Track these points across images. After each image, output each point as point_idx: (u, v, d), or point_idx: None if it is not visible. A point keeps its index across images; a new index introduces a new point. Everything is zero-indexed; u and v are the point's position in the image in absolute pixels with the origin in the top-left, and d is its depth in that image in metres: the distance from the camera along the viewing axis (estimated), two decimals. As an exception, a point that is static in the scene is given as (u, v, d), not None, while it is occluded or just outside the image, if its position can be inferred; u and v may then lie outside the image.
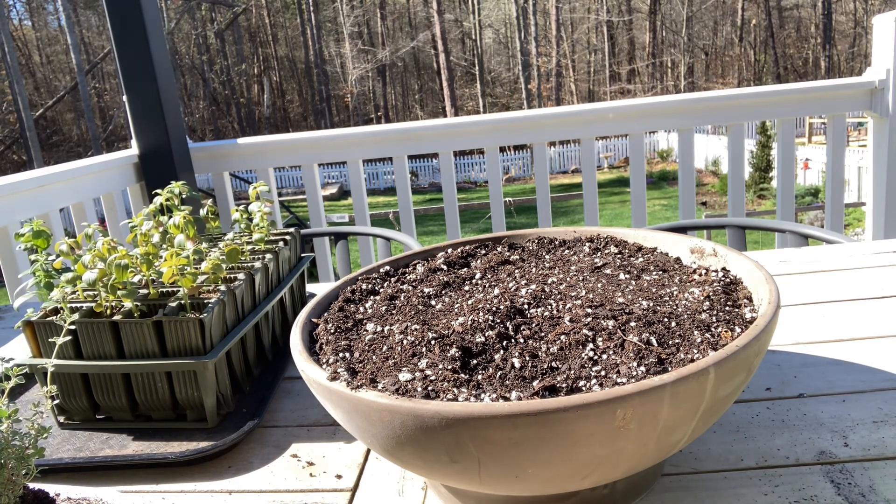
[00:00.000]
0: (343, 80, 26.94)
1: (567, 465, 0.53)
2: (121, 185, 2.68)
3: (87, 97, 22.31)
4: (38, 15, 27.19)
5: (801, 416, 0.75)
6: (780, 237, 1.79)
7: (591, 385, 0.55)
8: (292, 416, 0.88)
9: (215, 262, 0.89)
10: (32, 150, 20.27)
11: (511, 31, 27.66)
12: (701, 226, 1.85)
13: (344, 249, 2.10)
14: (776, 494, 0.63)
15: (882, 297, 1.06)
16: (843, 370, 0.85)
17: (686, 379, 0.51)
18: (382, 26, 27.92)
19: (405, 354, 0.63)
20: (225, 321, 0.87)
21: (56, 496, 0.62)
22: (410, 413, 0.52)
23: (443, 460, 0.54)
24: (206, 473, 0.77)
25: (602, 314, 0.66)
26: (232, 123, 26.86)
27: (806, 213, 10.24)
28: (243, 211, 1.14)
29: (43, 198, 2.27)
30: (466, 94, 27.67)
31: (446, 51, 25.02)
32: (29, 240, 0.97)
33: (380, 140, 2.78)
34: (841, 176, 2.63)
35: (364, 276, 0.86)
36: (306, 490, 0.73)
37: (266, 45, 27.67)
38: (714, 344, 0.59)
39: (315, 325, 0.73)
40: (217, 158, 2.83)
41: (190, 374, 0.82)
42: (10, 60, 20.10)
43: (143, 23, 2.52)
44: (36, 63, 26.22)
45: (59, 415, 0.88)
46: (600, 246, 0.90)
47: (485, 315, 0.66)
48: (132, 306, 0.83)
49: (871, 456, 0.67)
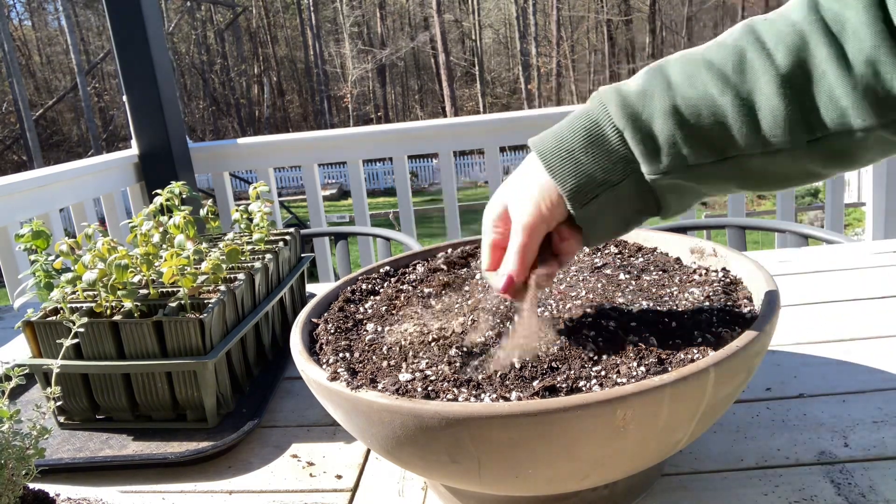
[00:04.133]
0: (343, 80, 26.94)
1: (567, 465, 0.53)
2: (121, 185, 2.68)
3: (87, 97, 22.31)
4: (38, 15, 27.19)
5: (801, 416, 0.75)
6: (780, 237, 1.79)
7: (591, 385, 0.55)
8: (292, 416, 0.88)
9: (215, 262, 0.89)
10: (32, 150, 20.27)
11: (511, 32, 27.66)
12: (701, 226, 1.85)
13: (344, 249, 2.10)
14: (776, 494, 0.63)
15: (882, 297, 1.06)
16: (843, 370, 0.85)
17: (686, 379, 0.51)
18: (382, 26, 27.93)
19: (405, 354, 0.63)
20: (225, 321, 0.87)
21: (56, 496, 0.62)
22: (410, 413, 0.52)
23: (443, 460, 0.54)
24: (206, 473, 0.77)
25: (602, 314, 0.66)
26: (232, 123, 26.86)
27: (806, 213, 10.24)
28: (243, 211, 1.14)
29: (43, 198, 2.27)
30: (466, 95, 27.67)
31: (446, 51, 25.02)
32: (29, 240, 0.97)
33: (380, 140, 2.79)
34: (841, 176, 2.63)
35: (364, 276, 0.86)
36: (306, 490, 0.73)
37: (266, 46, 27.67)
38: (714, 344, 0.59)
39: (315, 325, 0.73)
40: (217, 158, 2.83)
41: (190, 375, 0.82)
42: (10, 60, 20.10)
43: (143, 23, 2.52)
44: (36, 63, 26.22)
45: (59, 415, 0.88)
46: (600, 246, 0.90)
47: (485, 315, 0.66)
48: (132, 306, 0.83)
49: (871, 456, 0.67)
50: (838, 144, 0.51)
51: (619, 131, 0.55)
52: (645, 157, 0.55)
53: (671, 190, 0.56)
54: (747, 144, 0.53)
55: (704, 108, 0.53)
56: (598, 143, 0.56)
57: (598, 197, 0.56)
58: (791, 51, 0.51)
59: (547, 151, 0.58)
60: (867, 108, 0.49)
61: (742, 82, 0.52)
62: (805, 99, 0.51)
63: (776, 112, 0.51)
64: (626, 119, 0.55)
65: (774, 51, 0.51)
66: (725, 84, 0.52)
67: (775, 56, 0.51)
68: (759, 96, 0.52)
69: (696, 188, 0.56)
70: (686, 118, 0.53)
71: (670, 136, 0.54)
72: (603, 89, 0.58)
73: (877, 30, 0.48)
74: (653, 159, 0.55)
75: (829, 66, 0.49)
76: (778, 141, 0.52)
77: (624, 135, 0.55)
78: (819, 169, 0.54)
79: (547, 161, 0.57)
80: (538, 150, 0.58)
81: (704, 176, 0.55)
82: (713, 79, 0.53)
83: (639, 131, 0.54)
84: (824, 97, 0.50)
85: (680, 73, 0.55)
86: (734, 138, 0.53)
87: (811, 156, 0.52)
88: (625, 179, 0.56)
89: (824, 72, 0.50)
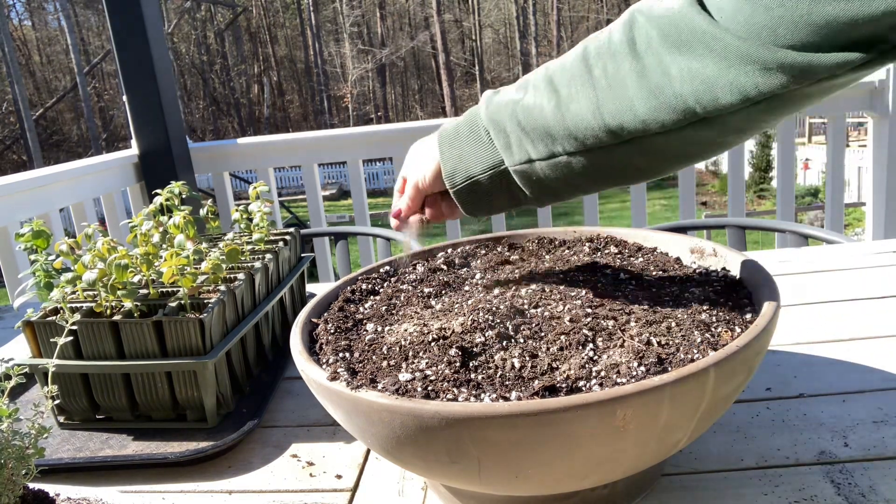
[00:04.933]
0: (343, 80, 26.94)
1: (567, 465, 0.53)
2: (121, 185, 2.68)
3: (87, 97, 22.30)
4: (38, 15, 27.19)
5: (801, 416, 0.75)
6: (780, 237, 1.79)
7: (591, 385, 0.55)
8: (292, 416, 0.88)
9: (215, 262, 0.89)
10: (32, 150, 20.27)
11: (511, 31, 27.65)
12: (701, 226, 1.85)
13: (344, 249, 2.10)
14: (776, 494, 0.63)
15: (882, 297, 1.06)
16: (843, 370, 0.85)
17: (686, 379, 0.51)
18: (382, 26, 27.92)
19: (405, 354, 0.63)
20: (225, 321, 0.87)
21: (56, 496, 0.62)
22: (410, 413, 0.52)
23: (443, 460, 0.54)
24: (206, 473, 0.77)
25: (602, 314, 0.66)
26: (232, 123, 26.85)
27: (806, 213, 10.25)
28: (243, 211, 1.14)
29: (43, 198, 2.27)
30: (466, 95, 27.66)
31: (446, 51, 25.01)
32: (29, 240, 0.97)
33: (380, 140, 2.79)
34: (841, 176, 2.63)
35: (364, 276, 0.86)
36: (306, 490, 0.73)
37: (266, 45, 27.66)
38: (714, 344, 0.59)
39: (315, 325, 0.73)
40: (217, 158, 2.83)
41: (190, 374, 0.82)
42: (10, 60, 20.09)
43: (143, 23, 2.52)
44: (36, 63, 26.22)
45: (59, 415, 0.88)
46: (600, 246, 0.90)
47: (485, 315, 0.66)
48: (132, 306, 0.83)
49: (871, 456, 0.67)
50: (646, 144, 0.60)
51: (486, 130, 0.69)
52: (504, 150, 0.68)
53: (528, 179, 0.68)
54: (569, 144, 0.63)
55: (535, 114, 0.65)
56: (476, 138, 0.70)
57: (466, 182, 0.70)
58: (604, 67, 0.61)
59: (444, 137, 0.72)
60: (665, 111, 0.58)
61: (567, 93, 0.63)
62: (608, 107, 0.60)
63: (585, 120, 0.61)
64: (490, 121, 0.68)
65: (594, 66, 0.61)
66: (554, 95, 0.64)
67: (593, 71, 0.61)
68: (573, 105, 0.62)
69: (549, 180, 0.67)
70: (522, 121, 0.66)
71: (517, 135, 0.66)
72: (486, 94, 0.72)
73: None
74: (509, 153, 0.67)
75: (630, 80, 0.58)
76: (592, 141, 0.62)
77: (490, 133, 0.69)
78: (640, 163, 0.63)
79: (440, 144, 0.72)
80: (439, 134, 0.73)
81: (549, 167, 0.65)
82: (548, 90, 0.64)
83: (497, 130, 0.68)
84: (625, 106, 0.59)
85: (531, 85, 0.67)
86: (556, 139, 0.64)
87: (624, 154, 0.62)
88: (493, 172, 0.69)
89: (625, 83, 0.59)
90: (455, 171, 0.71)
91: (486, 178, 0.69)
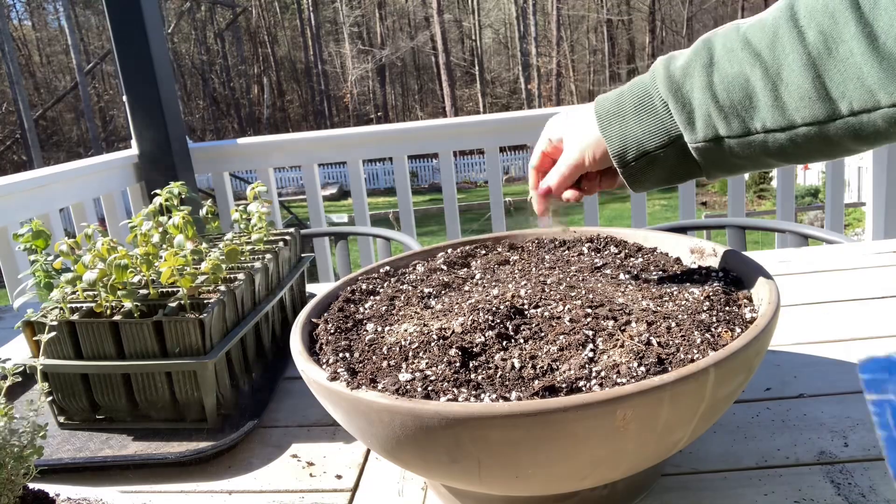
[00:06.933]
0: (343, 80, 26.94)
1: (567, 465, 0.53)
2: (121, 185, 2.68)
3: (87, 97, 22.30)
4: (37, 15, 27.18)
5: (801, 416, 0.75)
6: (780, 237, 1.79)
7: (591, 385, 0.55)
8: (292, 416, 0.88)
9: (215, 262, 0.89)
10: (32, 150, 20.27)
11: (511, 32, 27.65)
12: (701, 226, 1.85)
13: (344, 249, 2.10)
14: (776, 494, 0.63)
15: (882, 297, 1.06)
16: (843, 370, 0.85)
17: (686, 379, 0.51)
18: (382, 26, 27.92)
19: (405, 355, 0.63)
20: (225, 321, 0.87)
21: (56, 496, 0.62)
22: (410, 413, 0.52)
23: (443, 460, 0.54)
24: (206, 473, 0.77)
25: (602, 314, 0.66)
26: (232, 123, 26.85)
27: (806, 213, 10.24)
28: (243, 211, 1.14)
29: (43, 198, 2.27)
30: (466, 95, 27.66)
31: (446, 51, 25.02)
32: (28, 240, 0.97)
33: (380, 140, 2.78)
34: (841, 176, 2.63)
35: (364, 276, 0.86)
36: (306, 490, 0.73)
37: (266, 46, 27.66)
38: (714, 344, 0.59)
39: (315, 325, 0.73)
40: (217, 158, 2.83)
41: (190, 374, 0.82)
42: (10, 60, 20.09)
43: (143, 23, 2.52)
44: (36, 63, 26.21)
45: (59, 415, 0.88)
46: (600, 246, 0.90)
47: (485, 315, 0.66)
48: (132, 306, 0.83)
49: (871, 456, 0.67)
50: (866, 121, 0.52)
51: (664, 102, 0.62)
52: (685, 126, 0.61)
53: (709, 157, 0.62)
54: (774, 120, 0.56)
55: (737, 85, 0.57)
56: (648, 110, 0.63)
57: (640, 160, 0.64)
58: (821, 29, 0.52)
59: (603, 112, 0.66)
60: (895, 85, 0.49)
61: (773, 60, 0.55)
62: (830, 77, 0.52)
63: (801, 90, 0.53)
64: (670, 92, 0.61)
65: (806, 29, 0.53)
66: (757, 61, 0.56)
67: (806, 34, 0.53)
68: (786, 74, 0.54)
69: (735, 158, 0.61)
70: (719, 94, 0.58)
71: (706, 109, 0.59)
72: (658, 61, 0.64)
73: None
74: (692, 129, 0.61)
75: (856, 44, 0.50)
76: (802, 117, 0.54)
77: (668, 105, 0.62)
78: (850, 145, 0.55)
79: (601, 121, 0.66)
80: (596, 110, 0.67)
81: (739, 146, 0.59)
82: (749, 56, 0.56)
83: (680, 103, 0.61)
84: (851, 75, 0.51)
85: (721, 49, 0.59)
86: (761, 114, 0.56)
87: (837, 132, 0.54)
88: (667, 147, 0.63)
89: (851, 50, 0.51)
90: (626, 148, 0.64)
91: (662, 154, 0.63)
